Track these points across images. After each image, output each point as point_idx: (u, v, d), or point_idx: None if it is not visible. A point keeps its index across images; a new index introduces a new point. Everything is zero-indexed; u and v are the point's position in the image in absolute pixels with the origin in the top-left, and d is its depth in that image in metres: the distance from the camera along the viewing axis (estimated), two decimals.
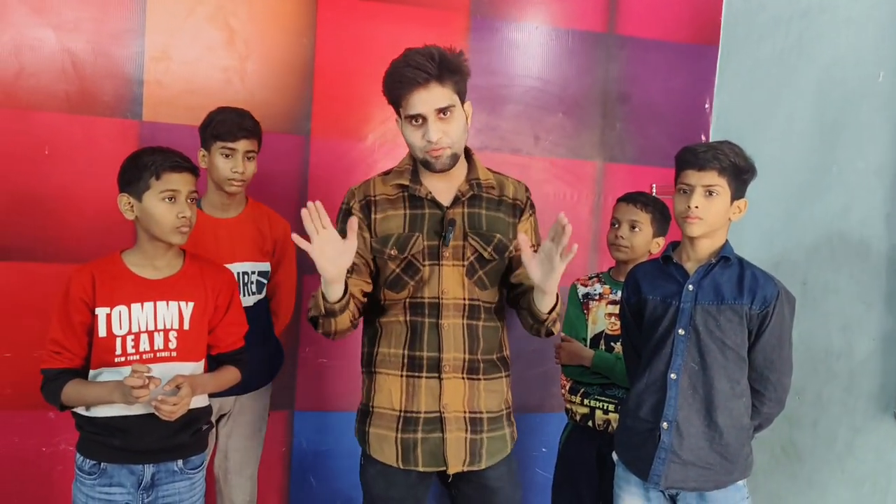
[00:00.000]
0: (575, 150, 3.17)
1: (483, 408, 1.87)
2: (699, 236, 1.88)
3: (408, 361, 1.84)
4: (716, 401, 1.86)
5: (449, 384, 1.83)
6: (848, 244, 2.53)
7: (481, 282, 1.87)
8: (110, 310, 1.84)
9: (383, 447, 1.86)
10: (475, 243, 1.84)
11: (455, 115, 1.78)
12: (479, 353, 1.87)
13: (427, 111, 1.75)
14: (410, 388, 1.84)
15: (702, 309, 1.87)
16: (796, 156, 2.80)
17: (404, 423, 1.84)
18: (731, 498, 1.90)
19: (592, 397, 2.38)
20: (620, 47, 3.16)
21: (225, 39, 2.79)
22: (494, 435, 1.89)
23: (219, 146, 2.31)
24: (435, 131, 1.76)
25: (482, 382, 1.87)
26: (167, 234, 1.84)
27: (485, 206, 1.89)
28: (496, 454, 1.89)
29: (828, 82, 2.70)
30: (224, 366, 2.01)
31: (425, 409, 1.83)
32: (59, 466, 2.71)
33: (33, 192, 2.63)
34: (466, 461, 1.84)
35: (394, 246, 1.83)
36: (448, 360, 1.83)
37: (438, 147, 1.77)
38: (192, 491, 1.93)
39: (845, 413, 2.49)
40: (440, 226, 1.84)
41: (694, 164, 1.86)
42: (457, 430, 1.83)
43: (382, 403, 1.87)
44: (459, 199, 1.86)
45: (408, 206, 1.87)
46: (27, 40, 2.61)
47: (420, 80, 1.73)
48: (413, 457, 1.84)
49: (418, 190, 1.85)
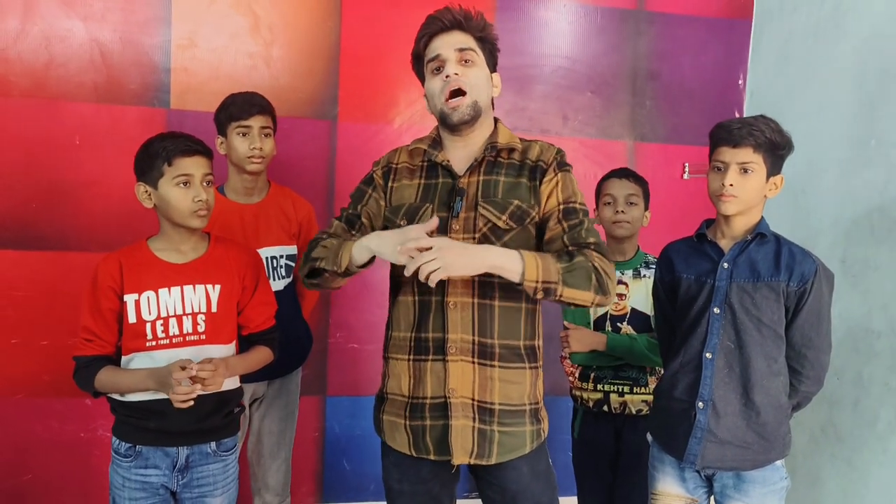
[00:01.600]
0: (604, 129, 3.12)
1: (496, 398, 1.71)
2: (734, 214, 1.84)
3: (414, 345, 1.73)
4: (752, 379, 1.83)
5: (455, 367, 1.69)
6: (888, 219, 2.46)
7: None
8: (139, 296, 1.86)
9: (395, 435, 1.77)
10: (487, 212, 1.70)
11: (477, 63, 1.74)
12: (495, 338, 1.71)
13: (447, 52, 1.72)
14: (417, 372, 1.73)
15: (737, 286, 1.83)
16: (833, 130, 2.73)
17: (412, 410, 1.74)
18: (769, 478, 1.86)
19: (606, 381, 2.34)
20: (650, 23, 3.11)
21: (250, 25, 2.79)
22: (509, 430, 1.72)
23: (234, 127, 2.31)
24: (453, 68, 1.71)
25: (497, 370, 1.70)
26: (185, 218, 1.84)
27: (504, 173, 1.75)
28: (509, 452, 1.72)
29: (865, 53, 2.62)
30: (255, 346, 2.01)
31: (431, 395, 1.71)
32: (97, 451, 2.76)
33: (65, 181, 2.67)
34: (474, 453, 1.70)
35: (403, 216, 1.75)
36: (454, 342, 1.69)
37: (455, 86, 1.70)
38: (225, 473, 1.95)
39: (887, 393, 2.43)
40: (451, 196, 1.73)
41: (728, 140, 1.81)
42: (463, 418, 1.69)
43: (393, 389, 1.78)
44: (474, 165, 1.75)
45: (423, 175, 1.79)
46: (56, 31, 2.64)
47: (443, 23, 1.73)
48: (423, 445, 1.73)
49: (436, 156, 1.76)
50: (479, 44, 1.75)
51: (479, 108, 1.74)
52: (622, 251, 2.40)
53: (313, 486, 2.99)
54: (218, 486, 1.93)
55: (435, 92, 1.74)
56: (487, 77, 1.77)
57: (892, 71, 2.50)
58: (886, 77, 2.52)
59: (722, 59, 3.18)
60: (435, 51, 1.73)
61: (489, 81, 1.78)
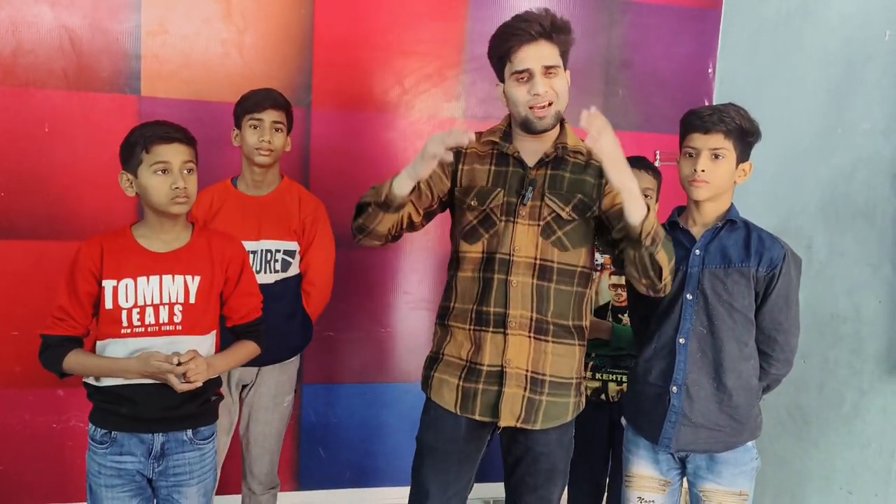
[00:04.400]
0: (577, 117, 3.12)
1: (548, 371, 1.88)
2: (705, 200, 1.87)
3: (475, 316, 1.88)
4: (725, 363, 1.87)
5: (514, 340, 1.86)
6: (853, 206, 2.52)
7: (560, 242, 1.87)
8: (117, 282, 1.85)
9: (443, 391, 1.92)
10: (552, 203, 1.86)
11: (560, 75, 1.85)
12: (549, 315, 1.88)
13: (535, 66, 1.81)
14: (478, 340, 1.88)
15: (709, 273, 1.87)
16: (801, 118, 2.78)
17: (468, 373, 1.89)
18: (740, 458, 1.91)
19: (604, 370, 2.38)
20: (622, 12, 3.13)
21: (222, 12, 2.76)
22: (556, 400, 1.90)
23: (247, 119, 2.36)
24: (542, 85, 1.81)
25: (550, 345, 1.88)
26: (164, 205, 1.84)
27: (569, 170, 1.91)
28: (553, 419, 1.90)
29: (833, 43, 2.67)
30: (239, 341, 2.02)
31: (489, 363, 1.87)
32: (70, 442, 2.73)
33: (35, 169, 2.63)
34: (521, 417, 1.87)
35: (475, 197, 1.90)
36: (514, 317, 1.85)
37: (544, 101, 1.82)
38: (202, 461, 1.95)
39: (852, 375, 2.50)
40: (521, 185, 1.88)
41: (700, 127, 1.85)
42: (515, 387, 1.86)
43: (452, 352, 1.93)
44: (544, 160, 1.89)
45: (494, 162, 1.93)
46: (24, 17, 2.59)
47: (532, 34, 1.80)
48: (472, 405, 1.89)
49: (507, 148, 1.91)
50: (562, 52, 1.85)
51: (561, 115, 1.88)
52: None
53: (289, 474, 2.99)
54: (194, 475, 1.93)
55: (520, 101, 1.85)
56: (567, 85, 1.89)
57: (858, 60, 2.55)
58: (853, 66, 2.57)
59: (692, 48, 3.21)
60: (523, 63, 1.82)
61: (568, 87, 1.89)
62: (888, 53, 2.43)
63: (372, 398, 3.03)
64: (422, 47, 2.94)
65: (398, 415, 3.03)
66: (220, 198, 2.40)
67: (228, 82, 2.73)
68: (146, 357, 1.80)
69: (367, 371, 3.03)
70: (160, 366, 1.78)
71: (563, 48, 1.86)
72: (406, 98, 2.95)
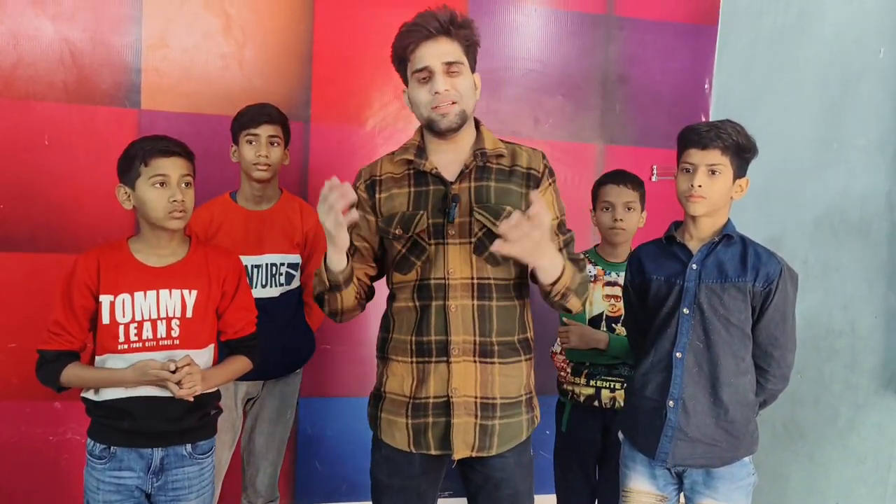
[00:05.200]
0: (575, 132, 3.16)
1: (497, 393, 1.78)
2: (702, 215, 1.88)
3: (416, 347, 1.77)
4: (721, 378, 1.87)
5: (458, 368, 1.75)
6: (849, 222, 2.53)
7: (493, 258, 1.75)
8: (114, 297, 1.85)
9: (394, 432, 1.81)
10: (482, 217, 1.74)
11: (464, 73, 1.75)
12: (494, 336, 1.77)
13: (434, 63, 1.72)
14: (421, 374, 1.77)
15: (706, 287, 1.88)
16: (797, 134, 2.80)
17: (413, 409, 1.78)
18: (737, 474, 1.91)
19: (599, 378, 2.38)
20: (619, 28, 3.15)
21: (222, 26, 2.78)
22: (509, 421, 1.80)
23: (244, 135, 2.37)
24: (442, 83, 1.71)
25: (497, 366, 1.78)
26: (161, 219, 1.84)
27: (494, 178, 1.79)
28: (509, 441, 1.81)
29: (828, 59, 2.69)
30: (233, 356, 2.02)
31: (434, 395, 1.76)
32: (66, 455, 2.73)
33: (34, 182, 2.64)
34: (475, 447, 1.77)
35: (398, 225, 1.77)
36: (457, 344, 1.74)
37: (445, 100, 1.72)
38: (200, 476, 1.94)
39: (847, 390, 2.51)
40: (444, 203, 1.76)
41: (697, 143, 1.86)
42: (465, 416, 1.76)
43: (394, 389, 1.82)
44: (465, 172, 1.78)
45: (412, 183, 1.80)
46: (25, 30, 2.61)
47: (430, 31, 1.72)
48: (424, 440, 1.78)
49: (423, 165, 1.78)
50: (465, 50, 1.76)
51: (466, 115, 1.77)
52: (616, 254, 2.45)
53: (286, 487, 2.99)
54: (193, 490, 1.93)
55: (422, 102, 1.75)
56: (472, 84, 1.79)
57: (853, 75, 2.57)
58: (848, 82, 2.59)
59: (689, 63, 3.24)
60: (422, 62, 1.73)
61: (474, 87, 1.80)
62: (882, 69, 2.45)
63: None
64: None
65: None
66: (221, 213, 2.41)
67: (228, 96, 2.75)
68: (142, 366, 1.80)
69: (364, 384, 3.01)
70: (158, 373, 1.78)
71: (465, 44, 1.75)
72: (405, 112, 2.96)
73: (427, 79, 1.74)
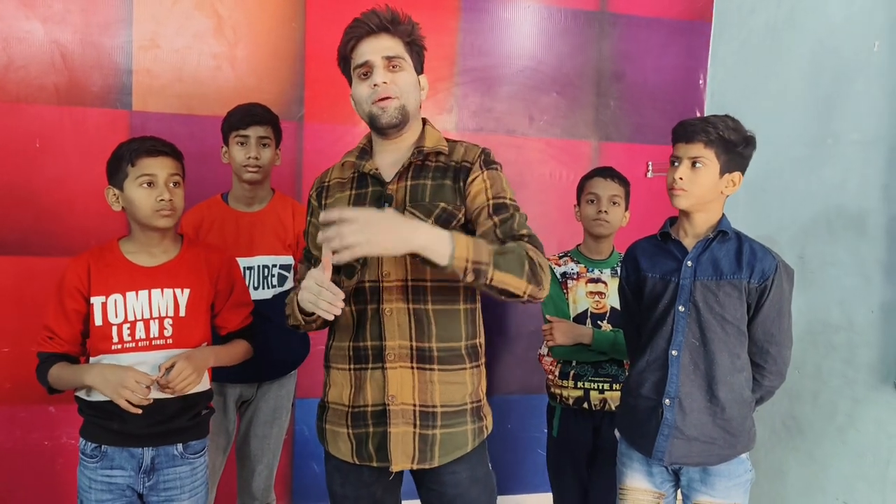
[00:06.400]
0: (570, 129, 3.16)
1: (437, 401, 1.69)
2: (686, 209, 1.88)
3: (353, 354, 1.72)
4: (717, 375, 1.86)
5: (394, 374, 1.68)
6: (845, 217, 2.53)
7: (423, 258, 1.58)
8: (105, 298, 1.85)
9: (338, 443, 1.75)
10: (415, 216, 1.66)
11: (405, 69, 1.72)
12: (433, 341, 1.69)
13: (374, 58, 1.69)
14: (358, 381, 1.71)
15: (701, 285, 1.87)
16: (792, 129, 2.79)
17: (353, 419, 1.72)
18: (734, 471, 1.90)
19: (586, 379, 2.36)
20: (613, 25, 3.15)
21: (213, 26, 2.77)
22: (451, 431, 1.70)
23: (234, 136, 2.35)
24: (381, 75, 1.68)
25: (436, 373, 1.69)
26: (149, 218, 1.84)
27: (430, 176, 1.73)
28: (452, 451, 1.71)
29: (822, 54, 2.69)
30: (235, 339, 2.02)
31: (372, 403, 1.70)
32: (61, 459, 2.71)
33: (26, 185, 2.63)
34: (416, 458, 1.68)
35: None
36: (392, 349, 1.68)
37: (384, 95, 1.67)
38: (193, 476, 1.94)
39: (845, 385, 2.50)
40: (379, 203, 1.71)
41: (682, 136, 1.87)
42: (403, 425, 1.68)
43: (335, 398, 1.76)
44: (401, 172, 1.72)
45: (354, 186, 1.76)
46: (15, 33, 2.60)
47: (370, 27, 1.69)
48: (366, 452, 1.71)
49: (364, 166, 1.74)
50: (407, 48, 1.73)
51: (407, 112, 1.72)
52: (600, 250, 2.43)
53: (283, 489, 2.98)
54: (185, 490, 1.92)
55: (363, 97, 1.72)
56: (415, 81, 1.75)
57: (847, 71, 2.56)
58: (842, 77, 2.58)
59: (683, 60, 3.24)
60: (362, 56, 1.70)
61: (417, 86, 1.76)
62: (876, 64, 2.45)
63: None
64: None
65: None
66: (212, 215, 2.40)
67: (220, 97, 2.74)
68: (116, 385, 1.76)
69: None
70: (131, 398, 1.75)
71: (406, 41, 1.72)
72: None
73: (367, 74, 1.70)
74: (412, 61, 1.75)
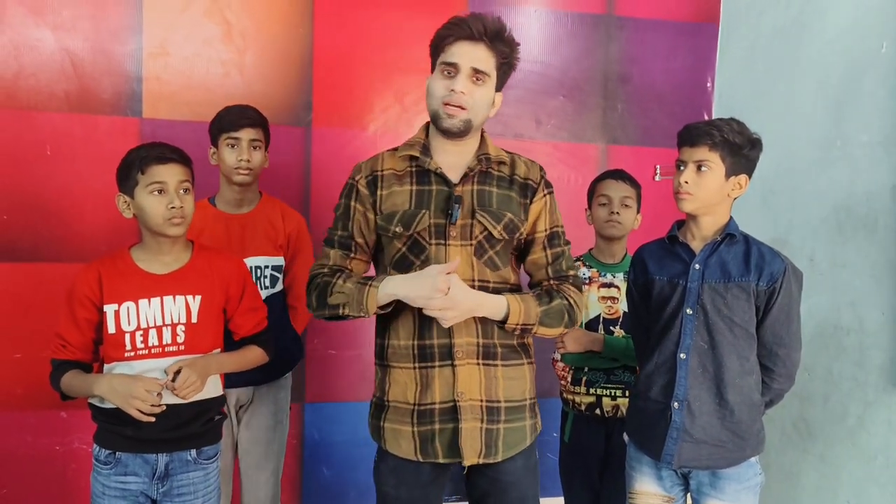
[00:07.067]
0: (577, 133, 3.16)
1: (501, 396, 1.78)
2: (692, 212, 1.88)
3: (418, 352, 1.76)
4: (726, 378, 1.86)
5: (463, 371, 1.74)
6: (854, 218, 2.52)
7: (492, 262, 1.79)
8: (118, 306, 1.86)
9: (400, 442, 1.79)
10: (484, 221, 1.76)
11: (486, 87, 1.76)
12: (496, 338, 1.78)
13: (463, 63, 1.72)
14: (424, 379, 1.75)
15: (709, 287, 1.87)
16: (800, 131, 2.78)
17: (419, 417, 1.76)
18: (744, 474, 1.90)
19: (598, 385, 2.35)
20: (620, 28, 3.15)
21: (222, 33, 2.78)
22: (513, 426, 1.80)
23: (224, 138, 2.33)
24: (462, 84, 1.72)
25: (500, 369, 1.78)
26: (160, 226, 1.85)
27: (495, 184, 1.81)
28: (514, 446, 1.80)
29: (830, 55, 2.68)
30: (247, 346, 2.03)
31: (440, 400, 1.75)
32: (73, 464, 2.73)
33: (37, 192, 2.64)
34: (482, 453, 1.76)
35: (399, 223, 1.76)
36: (461, 346, 1.74)
37: (457, 103, 1.72)
38: (206, 481, 1.95)
39: (856, 388, 2.49)
40: (447, 203, 1.76)
41: (687, 140, 1.87)
42: (472, 420, 1.75)
43: (397, 397, 1.79)
44: (468, 175, 1.78)
45: (415, 181, 1.79)
46: (26, 41, 2.62)
47: (472, 32, 1.72)
48: (432, 448, 1.76)
49: (427, 163, 1.78)
50: (498, 66, 1.76)
51: (471, 126, 1.77)
52: (612, 253, 2.43)
53: (293, 493, 2.98)
54: (199, 495, 1.93)
55: (437, 93, 1.75)
56: (491, 100, 1.79)
57: (856, 73, 2.56)
58: (850, 79, 2.58)
59: (690, 62, 3.23)
60: (453, 57, 1.73)
61: (491, 103, 1.80)
62: (885, 65, 2.44)
63: None
64: (420, 64, 2.93)
65: None
66: (201, 218, 2.35)
67: (229, 103, 2.71)
68: (125, 395, 1.79)
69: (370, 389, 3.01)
70: (141, 407, 1.78)
71: (500, 60, 1.76)
72: (406, 116, 2.97)
73: (451, 74, 1.74)
74: (497, 79, 1.79)
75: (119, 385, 1.80)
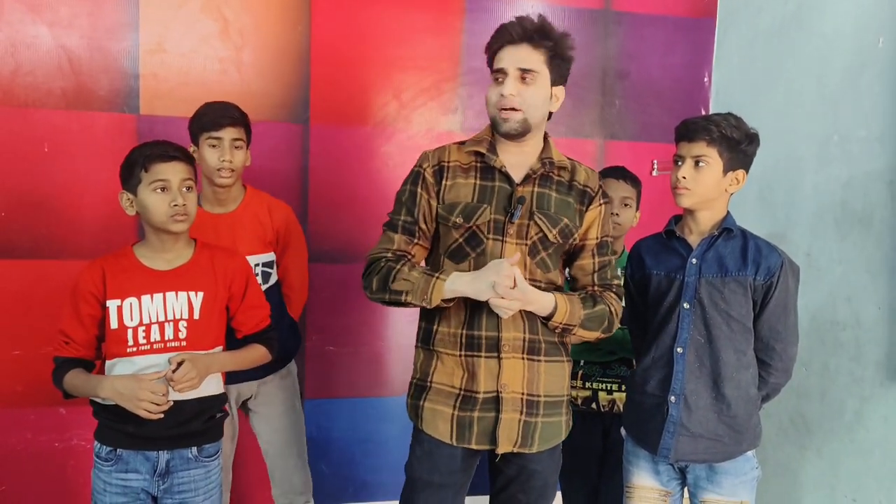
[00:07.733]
0: (575, 128, 3.16)
1: (542, 391, 1.85)
2: (690, 207, 1.89)
3: (466, 341, 1.82)
4: (723, 372, 1.87)
5: (508, 364, 1.81)
6: (851, 214, 2.52)
7: (543, 263, 1.85)
8: (121, 302, 1.87)
9: (437, 423, 1.85)
10: (541, 223, 1.82)
11: (538, 83, 1.79)
12: (541, 334, 1.84)
13: (509, 67, 1.77)
14: (470, 367, 1.82)
15: (706, 282, 1.87)
16: (798, 126, 2.78)
17: (462, 402, 1.83)
18: (740, 468, 1.91)
19: (594, 379, 2.37)
20: (617, 23, 3.14)
21: (219, 30, 2.78)
22: (551, 420, 1.87)
23: (205, 138, 2.28)
24: (510, 87, 1.76)
25: (543, 364, 1.85)
26: (164, 223, 1.86)
27: (555, 188, 1.87)
28: (549, 440, 1.88)
29: (827, 51, 2.68)
30: (250, 344, 2.03)
31: (484, 389, 1.81)
32: (73, 461, 2.73)
33: (35, 189, 2.64)
34: (518, 442, 1.83)
35: (460, 214, 1.82)
36: (508, 340, 1.81)
37: (509, 105, 1.77)
38: (207, 479, 1.95)
39: (853, 382, 2.49)
40: (508, 201, 1.82)
41: (685, 135, 1.88)
42: (512, 412, 1.82)
43: (443, 380, 1.86)
44: (531, 176, 1.84)
45: (479, 176, 1.85)
46: (23, 38, 2.61)
47: (513, 35, 1.77)
48: (468, 434, 1.83)
49: (493, 160, 1.83)
50: (548, 60, 1.79)
51: (529, 125, 1.81)
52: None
53: None
54: (199, 492, 1.93)
55: (491, 101, 1.82)
56: (546, 96, 1.82)
57: (853, 69, 2.56)
58: (848, 75, 2.58)
59: (688, 58, 3.23)
60: (500, 63, 1.79)
61: (547, 100, 1.83)
62: (882, 60, 2.44)
63: (374, 412, 3.03)
64: (418, 62, 2.96)
65: (401, 428, 2.99)
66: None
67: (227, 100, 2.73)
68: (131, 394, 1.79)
69: (370, 385, 3.03)
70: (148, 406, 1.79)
71: (549, 55, 1.79)
72: (404, 112, 2.97)
73: (501, 80, 1.80)
74: (551, 73, 1.81)
75: (123, 388, 1.80)
